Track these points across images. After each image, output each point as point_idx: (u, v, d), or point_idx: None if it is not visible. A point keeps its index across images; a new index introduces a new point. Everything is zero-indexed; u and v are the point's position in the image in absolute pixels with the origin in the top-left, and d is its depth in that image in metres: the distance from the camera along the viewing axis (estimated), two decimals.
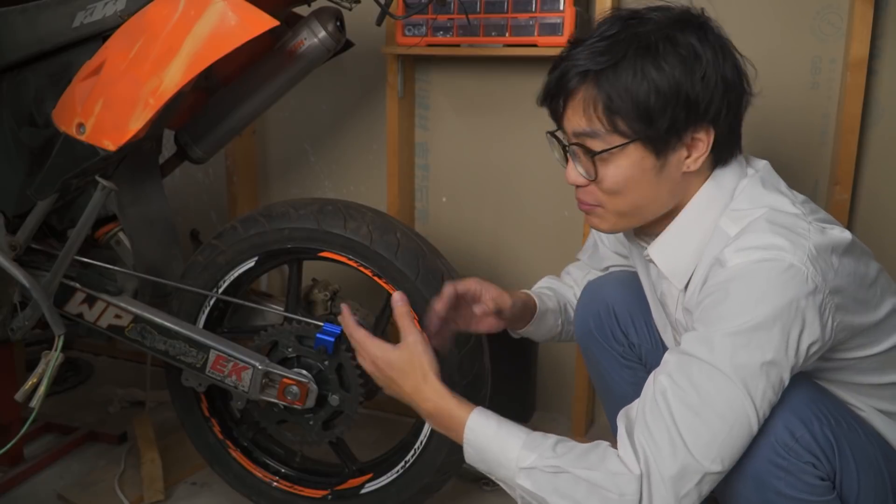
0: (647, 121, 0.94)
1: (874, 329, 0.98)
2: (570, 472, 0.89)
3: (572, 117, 0.99)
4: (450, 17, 1.65)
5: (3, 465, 1.65)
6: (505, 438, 0.95)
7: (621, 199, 1.00)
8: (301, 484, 1.49)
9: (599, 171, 0.98)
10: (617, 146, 0.96)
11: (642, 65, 0.93)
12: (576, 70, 0.96)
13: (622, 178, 0.98)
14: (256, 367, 1.34)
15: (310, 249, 1.37)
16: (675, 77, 0.92)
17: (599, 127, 0.96)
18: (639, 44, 0.94)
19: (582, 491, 0.89)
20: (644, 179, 0.98)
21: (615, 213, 1.02)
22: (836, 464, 0.91)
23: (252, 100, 1.44)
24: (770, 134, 1.61)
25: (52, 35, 1.27)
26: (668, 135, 0.95)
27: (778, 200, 0.97)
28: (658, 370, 0.93)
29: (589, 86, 0.96)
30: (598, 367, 1.31)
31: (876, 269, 1.00)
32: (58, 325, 1.29)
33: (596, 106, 0.95)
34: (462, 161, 1.90)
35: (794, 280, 0.87)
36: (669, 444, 0.86)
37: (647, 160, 0.96)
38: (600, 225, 1.05)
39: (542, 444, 0.93)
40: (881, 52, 1.52)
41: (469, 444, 0.97)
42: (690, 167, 0.98)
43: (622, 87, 0.93)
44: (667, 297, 1.11)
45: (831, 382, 1.00)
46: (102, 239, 1.46)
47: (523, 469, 0.92)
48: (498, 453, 0.95)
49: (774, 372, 0.87)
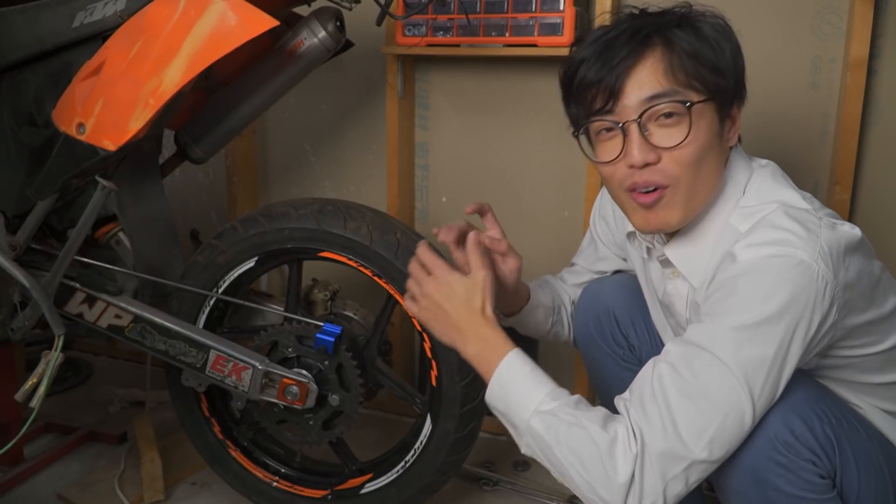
0: (719, 75, 0.94)
1: (876, 327, 0.98)
2: (586, 428, 0.90)
3: (645, 81, 0.94)
4: (450, 17, 1.65)
5: (3, 465, 1.65)
6: (534, 381, 0.97)
7: (697, 170, 0.95)
8: (301, 484, 1.49)
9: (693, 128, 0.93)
10: (705, 99, 0.94)
11: (699, 27, 0.95)
12: (643, 32, 0.94)
13: (704, 140, 0.94)
14: (256, 367, 1.34)
15: (310, 249, 1.37)
16: (727, 43, 0.96)
17: (677, 85, 0.93)
18: (680, 18, 0.96)
19: (589, 450, 0.89)
20: (713, 147, 0.96)
21: (685, 196, 0.96)
22: (837, 462, 0.91)
23: (252, 100, 1.44)
24: (770, 134, 1.61)
25: (52, 35, 1.26)
26: (732, 95, 0.97)
27: (788, 195, 0.97)
28: (659, 357, 0.93)
29: (660, 46, 0.94)
30: (599, 369, 1.31)
31: (879, 266, 1.00)
32: (58, 325, 1.29)
33: (672, 64, 0.93)
34: (462, 161, 1.90)
35: (804, 276, 0.87)
36: (661, 426, 0.87)
37: (715, 124, 0.97)
38: (671, 216, 0.98)
39: (566, 397, 0.95)
40: (881, 52, 1.52)
41: (498, 378, 0.98)
42: (731, 140, 1.00)
43: (690, 44, 0.94)
44: (674, 297, 1.10)
45: (832, 381, 1.01)
46: (102, 239, 1.46)
47: (541, 412, 0.94)
48: (522, 393, 0.96)
49: (776, 367, 0.87)
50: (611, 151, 0.98)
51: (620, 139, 0.96)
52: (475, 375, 1.34)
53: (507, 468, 1.71)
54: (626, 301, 1.27)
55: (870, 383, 1.01)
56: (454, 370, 1.32)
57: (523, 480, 1.66)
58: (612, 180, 1.00)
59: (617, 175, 0.98)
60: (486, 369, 1.00)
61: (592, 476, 0.89)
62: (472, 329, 1.01)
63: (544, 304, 1.29)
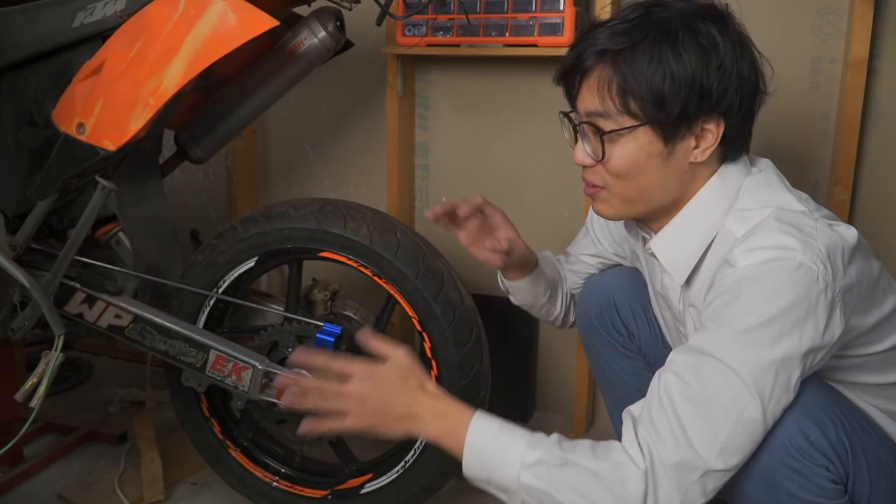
0: (658, 105, 0.94)
1: (877, 327, 0.98)
2: (578, 464, 0.87)
3: (586, 96, 0.99)
4: (450, 17, 1.65)
5: (3, 465, 1.65)
6: (509, 437, 0.91)
7: (627, 183, 1.00)
8: (301, 484, 1.49)
9: (607, 152, 0.98)
10: (626, 128, 0.96)
11: (660, 49, 0.93)
12: (593, 49, 0.97)
13: (629, 160, 0.98)
14: (256, 367, 1.34)
15: (310, 249, 1.37)
16: (692, 65, 0.93)
17: (612, 107, 0.96)
18: (659, 29, 0.94)
19: (590, 484, 0.86)
20: (650, 165, 0.98)
21: (620, 198, 1.02)
22: (850, 467, 0.91)
23: (252, 100, 1.44)
24: (770, 134, 1.61)
25: (52, 35, 1.26)
26: (679, 122, 0.95)
27: (784, 198, 0.97)
28: (664, 368, 0.92)
29: (605, 66, 0.96)
30: (599, 357, 1.33)
31: (878, 266, 1.00)
32: (58, 325, 1.28)
33: (610, 86, 0.95)
34: (462, 161, 1.90)
35: (805, 279, 0.87)
36: (672, 438, 0.86)
37: (656, 145, 0.97)
38: (605, 210, 1.05)
39: (545, 441, 0.91)
40: (881, 52, 1.52)
41: (471, 446, 0.92)
42: (698, 158, 0.98)
43: (638, 69, 0.94)
44: (669, 290, 1.11)
45: (833, 382, 1.00)
46: (102, 239, 1.46)
47: (528, 466, 0.89)
48: (501, 454, 0.91)
49: (784, 371, 0.87)
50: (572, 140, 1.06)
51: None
52: (475, 375, 1.35)
53: None
54: (626, 290, 1.28)
55: (870, 384, 1.00)
56: (454, 370, 1.32)
57: None
58: None
59: None
60: (455, 443, 0.93)
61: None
62: (425, 409, 0.95)
63: (546, 276, 1.33)
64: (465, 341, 1.33)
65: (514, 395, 1.85)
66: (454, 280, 1.36)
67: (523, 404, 1.87)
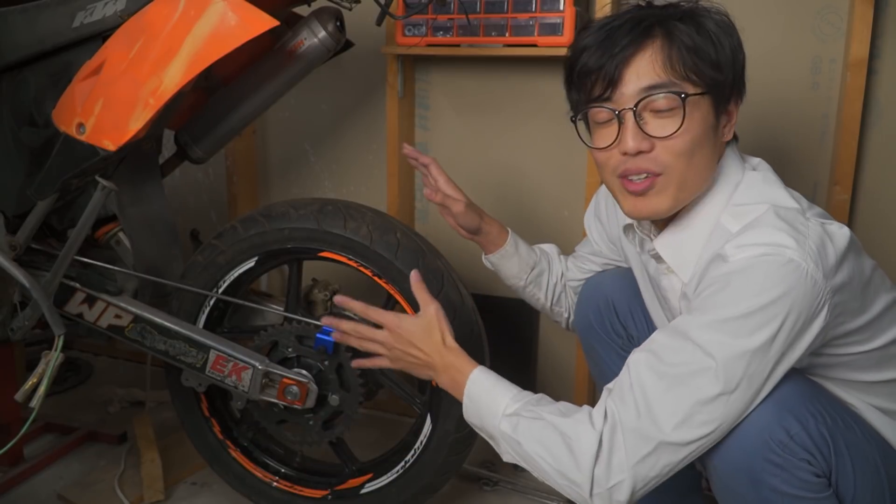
0: (718, 70, 0.96)
1: (868, 325, 0.98)
2: (545, 419, 0.96)
3: (642, 72, 0.95)
4: (450, 17, 1.65)
5: (3, 465, 1.65)
6: (499, 390, 1.03)
7: (688, 161, 0.97)
8: (301, 484, 1.49)
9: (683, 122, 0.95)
10: (701, 93, 0.96)
11: (701, 21, 0.97)
12: (645, 23, 0.96)
13: (697, 131, 0.96)
14: (256, 367, 1.34)
15: (310, 249, 1.37)
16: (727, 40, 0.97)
17: (676, 77, 0.95)
18: (683, 12, 0.98)
19: (552, 437, 0.94)
20: (706, 139, 0.98)
21: (677, 185, 0.98)
22: (832, 461, 0.92)
23: (252, 100, 1.44)
24: (770, 134, 1.61)
25: (52, 35, 1.26)
26: (729, 91, 0.98)
27: (779, 195, 0.98)
28: (643, 345, 0.95)
29: (659, 39, 0.96)
30: (598, 360, 1.33)
31: (871, 265, 1.01)
32: (58, 325, 1.28)
33: (672, 56, 0.95)
34: (462, 161, 1.90)
35: (793, 275, 0.87)
36: (634, 406, 0.90)
37: (710, 118, 0.98)
38: (662, 203, 0.99)
39: (528, 397, 1.01)
40: (881, 52, 1.52)
41: (468, 394, 1.04)
42: (726, 136, 1.01)
43: (693, 39, 0.95)
44: (668, 292, 1.11)
45: (826, 379, 1.01)
46: (102, 239, 1.46)
47: (507, 416, 0.99)
48: (489, 403, 1.02)
49: (758, 361, 0.88)
50: (606, 138, 1.00)
51: (616, 126, 0.98)
52: None
53: (507, 468, 1.71)
54: (625, 292, 1.29)
55: (864, 381, 1.01)
56: None
57: (523, 480, 1.66)
58: (606, 166, 1.02)
59: (611, 161, 1.01)
60: (458, 391, 1.06)
61: (560, 461, 0.93)
62: (440, 362, 1.08)
63: (521, 257, 1.36)
64: (465, 341, 1.33)
65: None
66: (454, 280, 1.36)
67: None
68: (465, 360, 1.07)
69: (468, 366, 1.06)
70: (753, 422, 0.90)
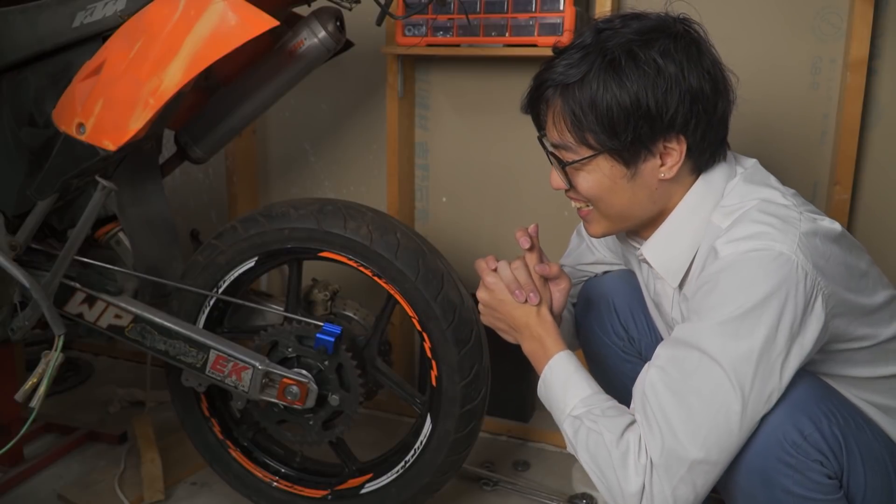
0: (611, 135, 0.97)
1: (867, 322, 0.98)
2: (603, 436, 0.95)
3: (550, 128, 1.04)
4: (450, 17, 1.65)
5: (3, 465, 1.65)
6: (573, 385, 1.03)
7: (602, 204, 1.04)
8: (301, 484, 1.49)
9: (573, 181, 1.04)
10: (585, 158, 1.00)
11: (605, 80, 0.96)
12: (549, 84, 1.01)
13: (594, 186, 1.02)
14: (256, 367, 1.34)
15: (310, 249, 1.37)
16: (636, 92, 0.95)
17: (570, 139, 1.00)
18: (604, 58, 0.97)
19: (605, 461, 0.94)
20: (617, 187, 1.01)
21: (605, 217, 1.06)
22: (844, 462, 0.92)
23: (252, 100, 1.44)
24: (770, 134, 1.61)
25: (52, 35, 1.26)
26: (635, 146, 0.98)
27: (769, 193, 0.99)
28: (650, 363, 0.96)
29: (560, 100, 1.00)
30: (599, 361, 1.33)
31: (867, 261, 1.01)
32: (58, 325, 1.28)
33: (565, 119, 0.99)
34: (462, 161, 1.90)
35: (784, 268, 0.88)
36: (659, 430, 0.90)
37: (617, 169, 1.00)
38: (594, 230, 1.09)
39: (597, 403, 1.00)
40: (881, 52, 1.52)
41: (544, 379, 1.06)
42: (666, 175, 1.00)
43: (587, 101, 0.97)
44: (661, 296, 1.12)
45: (824, 376, 1.01)
46: (102, 239, 1.46)
47: (571, 416, 1.00)
48: (560, 397, 1.03)
49: (766, 359, 0.88)
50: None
51: None
52: (475, 375, 1.35)
53: (507, 468, 1.71)
54: (625, 294, 1.29)
55: (862, 377, 1.01)
56: (454, 370, 1.32)
57: (523, 480, 1.66)
58: None
59: None
60: (538, 368, 1.08)
61: (609, 483, 0.94)
62: (528, 331, 1.09)
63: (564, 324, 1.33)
64: (465, 341, 1.33)
65: (514, 395, 1.85)
66: (454, 280, 1.36)
67: (523, 404, 1.87)
68: (552, 337, 1.07)
69: (553, 346, 1.06)
70: (766, 422, 0.90)
